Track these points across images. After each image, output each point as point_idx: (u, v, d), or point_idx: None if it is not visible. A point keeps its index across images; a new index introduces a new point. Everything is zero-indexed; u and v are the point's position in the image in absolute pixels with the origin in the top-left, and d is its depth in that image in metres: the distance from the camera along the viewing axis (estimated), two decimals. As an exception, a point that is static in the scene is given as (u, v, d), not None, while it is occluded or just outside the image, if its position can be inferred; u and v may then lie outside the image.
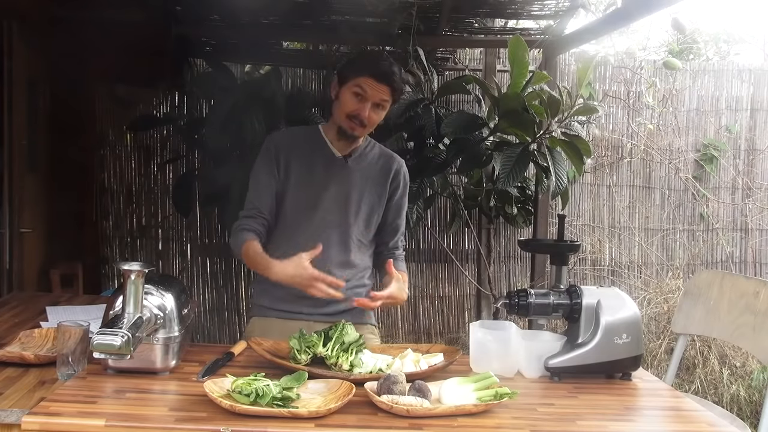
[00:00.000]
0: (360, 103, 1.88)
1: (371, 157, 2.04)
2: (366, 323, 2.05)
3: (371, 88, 1.87)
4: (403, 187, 2.06)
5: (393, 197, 2.05)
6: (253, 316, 2.05)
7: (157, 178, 4.30)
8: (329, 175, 1.97)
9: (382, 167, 2.04)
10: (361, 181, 2.00)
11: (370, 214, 2.01)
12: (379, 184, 2.02)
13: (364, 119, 1.89)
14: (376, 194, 2.02)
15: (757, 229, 4.76)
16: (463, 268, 4.45)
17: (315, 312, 1.95)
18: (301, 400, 1.36)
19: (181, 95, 4.17)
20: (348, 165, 1.99)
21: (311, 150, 1.99)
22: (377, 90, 1.88)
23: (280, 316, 1.97)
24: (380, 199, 2.03)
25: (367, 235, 2.03)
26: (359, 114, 1.88)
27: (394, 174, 2.04)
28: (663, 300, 4.22)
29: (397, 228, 2.09)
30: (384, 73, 1.88)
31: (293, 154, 1.98)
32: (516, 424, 1.33)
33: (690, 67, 4.84)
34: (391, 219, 2.07)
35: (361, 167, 2.01)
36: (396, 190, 2.05)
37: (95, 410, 1.28)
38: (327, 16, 3.61)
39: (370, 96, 1.87)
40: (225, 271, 4.38)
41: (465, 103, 4.21)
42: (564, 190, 3.16)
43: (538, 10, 3.58)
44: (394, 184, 2.05)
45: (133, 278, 1.39)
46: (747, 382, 3.83)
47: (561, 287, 1.76)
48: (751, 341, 2.01)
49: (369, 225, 2.02)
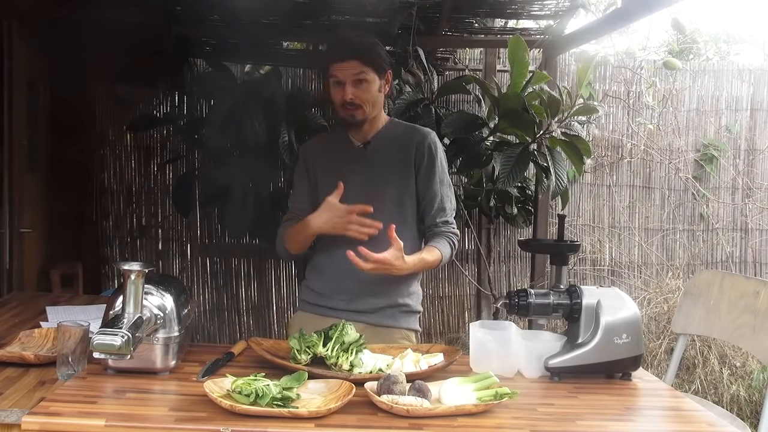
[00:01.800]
0: (339, 88, 1.90)
1: (393, 138, 2.00)
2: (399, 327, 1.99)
3: (340, 70, 1.88)
4: (429, 156, 1.96)
5: (420, 169, 1.97)
6: (298, 311, 2.10)
7: (157, 178, 4.30)
8: (350, 166, 1.97)
9: (403, 144, 1.98)
10: (382, 166, 1.97)
11: (401, 198, 1.96)
12: (402, 163, 1.97)
13: (350, 101, 1.89)
14: (401, 175, 1.96)
15: (757, 229, 4.76)
16: (463, 268, 4.45)
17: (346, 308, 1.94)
18: (301, 400, 1.36)
19: (181, 95, 4.17)
20: (366, 153, 1.99)
21: (333, 147, 2.04)
22: (347, 68, 1.88)
23: (317, 311, 1.99)
24: (407, 179, 1.96)
25: (403, 220, 1.94)
26: (344, 99, 1.90)
27: (417, 146, 1.97)
28: (663, 300, 4.22)
29: (432, 201, 1.98)
30: (346, 50, 1.89)
31: (320, 156, 2.04)
32: (516, 424, 1.33)
33: (690, 67, 4.84)
34: (423, 193, 1.97)
35: (381, 152, 1.98)
36: (421, 160, 1.96)
37: (95, 410, 1.28)
38: (327, 16, 3.61)
39: (343, 77, 1.88)
40: (225, 271, 4.38)
41: (465, 103, 4.20)
42: (564, 190, 3.16)
43: (538, 10, 3.58)
44: (418, 155, 1.96)
45: (133, 278, 1.39)
46: (747, 382, 3.83)
47: (561, 287, 1.76)
48: (751, 341, 2.01)
49: (402, 209, 1.96)
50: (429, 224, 2.00)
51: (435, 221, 2.00)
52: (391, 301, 1.98)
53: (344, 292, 1.96)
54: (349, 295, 1.96)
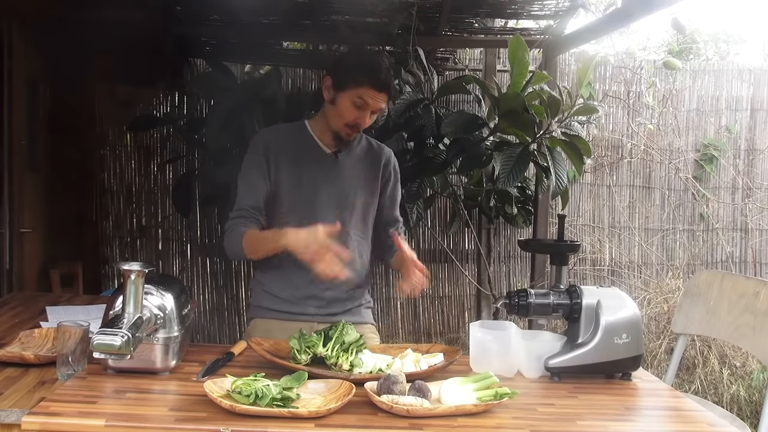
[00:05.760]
0: (360, 111, 1.86)
1: (360, 150, 2.03)
2: (366, 323, 2.05)
3: (372, 98, 1.85)
4: (394, 177, 2.06)
5: (386, 189, 2.05)
6: (254, 318, 2.02)
7: (157, 178, 4.30)
8: (321, 173, 1.95)
9: (373, 160, 2.03)
10: (353, 176, 1.98)
11: (366, 210, 2.00)
12: (370, 177, 2.01)
13: (363, 126, 1.90)
14: (369, 189, 2.00)
15: (757, 229, 4.76)
16: (463, 268, 4.45)
17: (317, 313, 1.95)
18: (301, 400, 1.36)
19: (181, 95, 4.17)
20: (338, 161, 1.98)
21: (300, 148, 1.96)
22: (378, 99, 1.87)
23: (282, 317, 1.96)
24: (373, 193, 2.02)
25: (366, 231, 2.02)
26: (359, 123, 1.88)
27: (384, 165, 2.04)
28: (663, 300, 4.22)
29: (391, 213, 2.08)
30: (384, 83, 1.87)
31: (282, 152, 1.94)
32: (516, 424, 1.33)
33: (690, 67, 4.84)
34: (387, 211, 2.06)
35: (351, 162, 1.99)
36: (388, 181, 2.05)
37: (95, 410, 1.28)
38: (327, 16, 3.61)
39: (371, 106, 1.86)
40: (225, 271, 4.38)
41: (465, 103, 4.20)
42: (564, 190, 3.16)
43: (538, 10, 3.58)
44: (386, 175, 2.04)
45: (133, 278, 1.39)
46: (747, 382, 3.83)
47: (561, 287, 1.76)
48: (751, 341, 2.01)
49: (366, 220, 2.01)
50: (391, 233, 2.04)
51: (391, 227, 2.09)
52: (357, 302, 2.02)
53: (318, 298, 1.94)
54: (322, 302, 1.95)
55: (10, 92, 3.15)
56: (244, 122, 3.14)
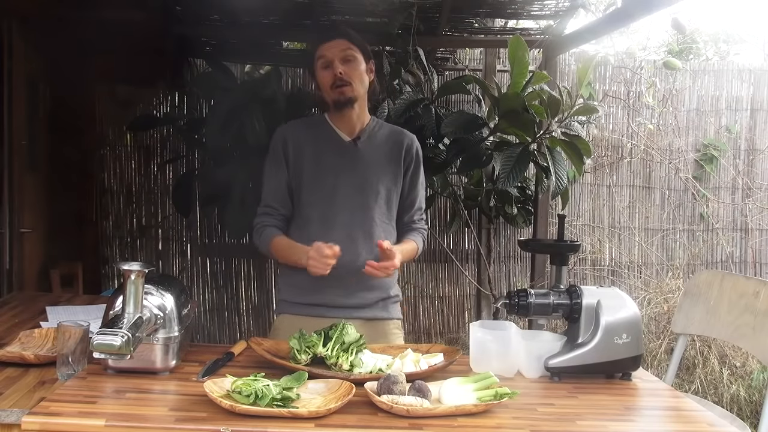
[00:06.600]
0: (329, 69, 1.92)
1: (380, 136, 2.04)
2: (392, 318, 2.04)
3: (328, 49, 1.92)
4: (416, 161, 2.06)
5: (407, 173, 2.05)
6: (281, 313, 2.02)
7: (157, 178, 4.30)
8: (342, 160, 1.97)
9: (394, 145, 2.04)
10: (375, 162, 1.99)
11: (389, 194, 2.01)
12: (392, 162, 2.02)
13: (341, 77, 1.90)
14: (392, 173, 2.01)
15: (757, 229, 4.76)
16: (463, 268, 4.45)
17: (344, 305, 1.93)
18: (301, 400, 1.36)
19: (181, 95, 4.17)
20: (358, 148, 1.99)
21: (319, 138, 2.00)
22: (334, 46, 1.92)
23: (308, 313, 1.94)
24: (396, 177, 2.03)
25: (390, 215, 2.03)
26: (334, 77, 1.91)
27: (407, 149, 2.04)
28: (663, 300, 4.22)
29: (413, 202, 2.08)
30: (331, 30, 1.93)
31: (302, 144, 1.98)
32: (516, 424, 1.33)
33: (690, 67, 4.84)
34: (406, 194, 2.06)
35: (372, 148, 2.00)
36: (410, 165, 2.05)
37: (95, 410, 1.28)
38: (327, 16, 3.60)
39: (332, 56, 1.91)
40: (225, 271, 4.38)
41: (465, 103, 4.20)
42: (564, 190, 3.15)
43: (538, 10, 3.58)
44: (408, 159, 2.05)
45: (133, 278, 1.39)
46: (747, 382, 3.83)
47: (561, 287, 1.76)
48: (751, 341, 2.01)
49: (390, 205, 2.02)
50: (407, 221, 2.08)
51: (412, 218, 2.09)
52: (384, 294, 2.01)
53: (341, 287, 1.92)
54: (346, 290, 1.94)
55: (10, 92, 3.15)
56: (244, 122, 3.14)
